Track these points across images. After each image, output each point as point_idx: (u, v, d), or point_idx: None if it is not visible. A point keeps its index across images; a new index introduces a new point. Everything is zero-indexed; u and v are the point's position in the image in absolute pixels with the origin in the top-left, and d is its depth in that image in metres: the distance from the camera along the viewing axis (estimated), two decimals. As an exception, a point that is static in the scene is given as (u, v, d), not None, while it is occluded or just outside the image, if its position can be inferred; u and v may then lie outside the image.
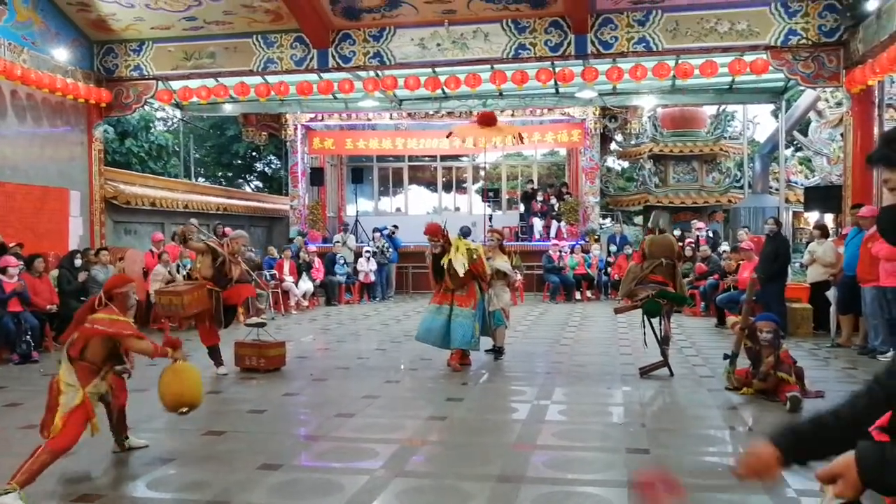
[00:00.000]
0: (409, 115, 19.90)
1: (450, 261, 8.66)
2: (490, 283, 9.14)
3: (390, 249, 18.45)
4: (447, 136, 15.44)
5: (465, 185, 26.53)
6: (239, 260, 8.88)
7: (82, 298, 10.07)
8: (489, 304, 9.16)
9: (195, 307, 8.41)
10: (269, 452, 5.45)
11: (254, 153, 32.84)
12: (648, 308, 8.25)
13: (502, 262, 9.41)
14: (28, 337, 9.74)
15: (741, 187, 21.35)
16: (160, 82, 14.55)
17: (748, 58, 12.90)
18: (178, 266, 13.07)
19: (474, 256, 8.75)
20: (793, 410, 6.57)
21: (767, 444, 1.94)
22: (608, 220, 23.99)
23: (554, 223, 20.15)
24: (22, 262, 10.30)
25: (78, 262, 11.58)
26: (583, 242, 18.61)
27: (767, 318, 7.53)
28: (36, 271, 10.60)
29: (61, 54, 13.14)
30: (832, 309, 10.58)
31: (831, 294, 10.61)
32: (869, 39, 10.80)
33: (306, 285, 16.37)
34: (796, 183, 20.99)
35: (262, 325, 8.84)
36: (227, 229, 14.76)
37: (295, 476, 4.99)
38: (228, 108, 17.99)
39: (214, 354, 8.69)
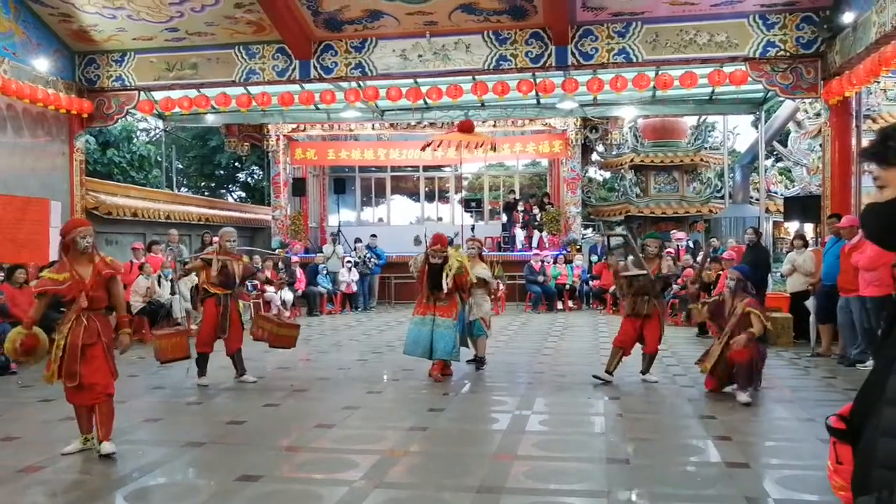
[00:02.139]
0: (392, 125, 19.92)
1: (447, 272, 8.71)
2: (470, 292, 9.17)
3: (373, 260, 18.44)
4: (422, 149, 15.41)
5: (447, 195, 26.54)
6: (235, 255, 8.97)
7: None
8: (469, 313, 9.18)
9: (168, 354, 8.41)
10: (248, 463, 5.43)
11: (236, 164, 32.78)
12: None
13: (482, 270, 9.44)
14: (6, 349, 9.66)
15: (722, 197, 21.53)
16: (142, 93, 14.47)
17: (727, 69, 13.00)
18: (160, 276, 13.00)
19: (461, 269, 8.79)
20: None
21: None
22: (590, 230, 24.08)
23: (536, 233, 20.20)
24: (2, 273, 10.23)
25: (58, 273, 11.46)
26: (565, 252, 18.66)
27: (736, 269, 7.79)
28: (16, 282, 10.52)
29: (42, 65, 13.07)
30: (811, 318, 10.67)
31: (810, 303, 10.70)
32: (846, 51, 10.92)
33: (287, 295, 16.34)
34: (776, 193, 21.18)
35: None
36: (215, 238, 14.69)
37: (275, 487, 4.97)
38: (211, 119, 17.94)
39: (201, 363, 8.65)
